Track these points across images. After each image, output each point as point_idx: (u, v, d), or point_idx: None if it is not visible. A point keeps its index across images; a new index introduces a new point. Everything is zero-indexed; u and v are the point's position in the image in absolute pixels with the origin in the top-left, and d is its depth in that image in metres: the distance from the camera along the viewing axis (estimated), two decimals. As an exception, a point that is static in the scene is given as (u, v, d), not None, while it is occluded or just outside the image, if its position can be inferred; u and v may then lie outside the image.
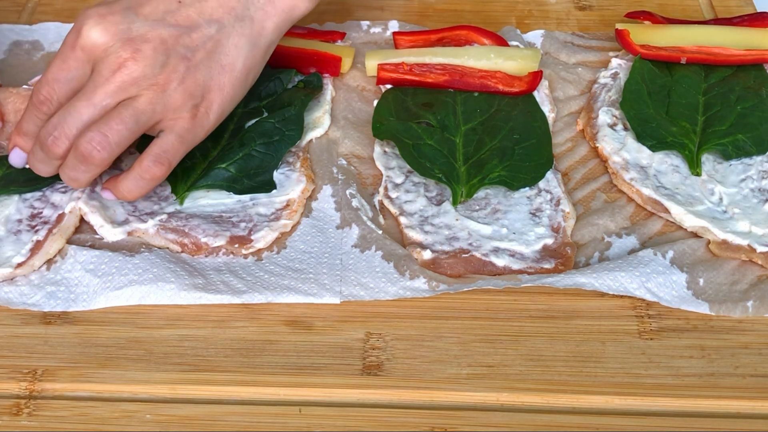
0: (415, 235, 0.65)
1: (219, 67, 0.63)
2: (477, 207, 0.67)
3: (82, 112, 0.60)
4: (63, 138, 0.60)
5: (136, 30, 0.60)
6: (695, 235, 0.65)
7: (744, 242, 0.63)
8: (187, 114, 0.62)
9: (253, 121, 0.71)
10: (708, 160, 0.70)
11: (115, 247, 0.64)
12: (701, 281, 0.62)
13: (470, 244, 0.64)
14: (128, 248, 0.63)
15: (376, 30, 0.84)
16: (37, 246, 0.62)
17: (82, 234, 0.65)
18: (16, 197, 0.66)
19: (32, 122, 0.63)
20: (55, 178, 0.66)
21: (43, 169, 0.63)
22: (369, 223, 0.65)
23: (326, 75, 0.78)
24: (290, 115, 0.71)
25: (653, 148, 0.70)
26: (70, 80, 0.61)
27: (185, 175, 0.67)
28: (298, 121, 0.71)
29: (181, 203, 0.66)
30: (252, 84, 0.67)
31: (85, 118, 0.60)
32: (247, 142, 0.70)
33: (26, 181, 0.66)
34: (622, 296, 0.61)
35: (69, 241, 0.64)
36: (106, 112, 0.60)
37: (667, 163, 0.69)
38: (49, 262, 0.63)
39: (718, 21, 0.81)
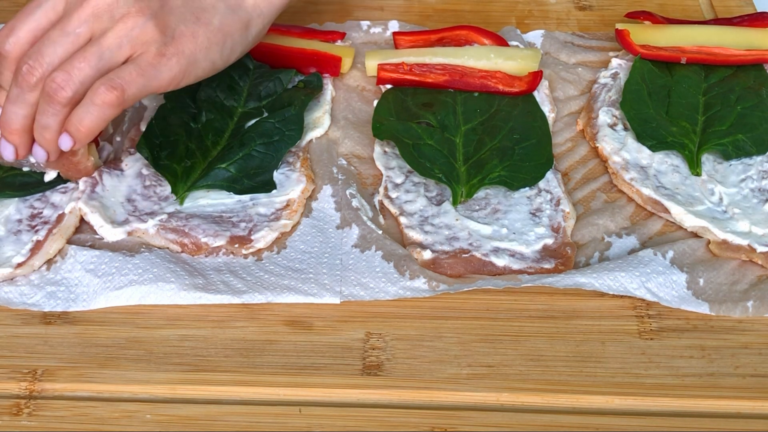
0: (415, 235, 0.65)
1: (194, 18, 0.62)
2: (477, 207, 0.67)
3: (56, 40, 0.59)
4: (37, 66, 0.59)
5: None
6: (695, 235, 0.65)
7: (744, 242, 0.63)
8: (154, 50, 0.61)
9: (253, 121, 0.71)
10: (708, 160, 0.70)
11: (115, 247, 0.63)
12: (701, 281, 0.62)
13: (470, 244, 0.64)
14: (128, 248, 0.63)
15: (376, 30, 0.84)
16: (37, 246, 0.62)
17: (82, 234, 0.65)
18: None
19: None
20: (50, 184, 0.66)
21: (18, 113, 0.61)
22: (369, 223, 0.65)
23: (326, 75, 0.78)
24: (290, 115, 0.71)
25: (653, 148, 0.70)
26: (36, 15, 0.60)
27: (185, 175, 0.67)
28: (298, 121, 0.71)
29: (181, 203, 0.66)
30: (230, 56, 0.65)
31: (58, 47, 0.59)
32: (247, 142, 0.70)
33: (21, 186, 0.66)
34: (622, 296, 0.61)
35: (69, 241, 0.64)
36: (77, 45, 0.59)
37: (667, 163, 0.69)
38: (49, 262, 0.63)
39: (718, 21, 0.81)
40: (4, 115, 0.61)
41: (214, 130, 0.70)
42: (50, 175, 0.66)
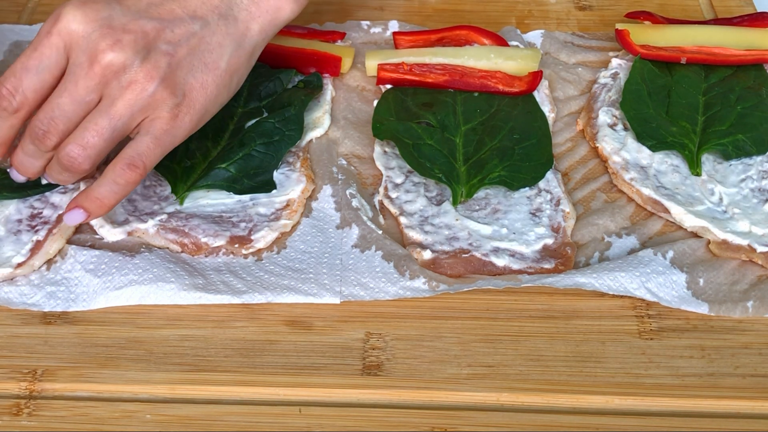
0: (415, 235, 0.65)
1: (202, 65, 0.61)
2: (477, 207, 0.67)
3: (67, 109, 0.59)
4: (53, 133, 0.59)
5: (117, 19, 0.58)
6: (695, 235, 0.65)
7: (744, 242, 0.63)
8: (166, 114, 0.60)
9: (253, 121, 0.71)
10: (708, 160, 0.70)
11: (115, 247, 0.63)
12: (701, 281, 0.62)
13: (470, 244, 0.64)
14: (128, 248, 0.63)
15: (376, 30, 0.84)
16: (37, 246, 0.62)
17: (82, 234, 0.65)
18: None
19: None
20: (47, 187, 0.66)
21: (33, 164, 0.62)
22: (369, 223, 0.65)
23: (326, 75, 0.78)
24: (290, 115, 0.71)
25: (653, 148, 0.70)
26: (41, 71, 0.58)
27: (185, 175, 0.67)
28: (298, 121, 0.71)
29: (181, 203, 0.66)
30: (237, 87, 0.65)
31: (72, 116, 0.59)
32: (247, 142, 0.69)
33: (18, 188, 0.66)
34: (622, 296, 0.61)
35: (69, 241, 0.64)
36: (88, 110, 0.59)
37: (667, 163, 0.69)
38: (49, 262, 0.63)
39: (718, 21, 0.81)
40: (19, 162, 0.62)
41: (214, 130, 0.70)
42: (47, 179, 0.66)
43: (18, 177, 0.64)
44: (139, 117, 0.59)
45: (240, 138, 0.70)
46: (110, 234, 0.64)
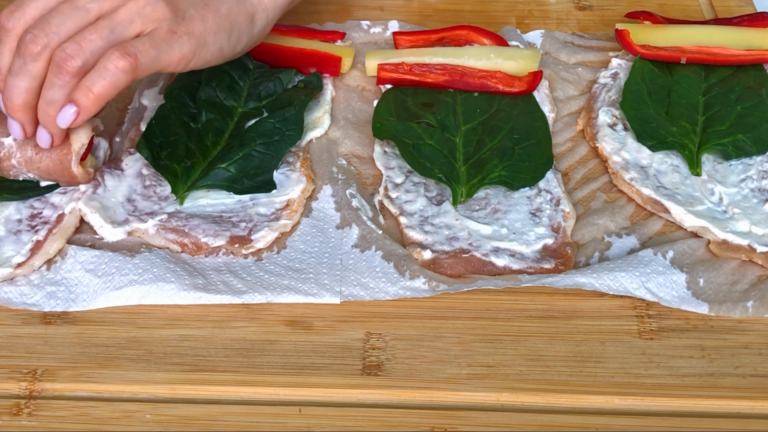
0: (415, 235, 0.65)
1: (203, 3, 0.63)
2: (477, 207, 0.67)
3: (65, 12, 0.59)
4: (42, 35, 0.58)
5: None
6: (695, 235, 0.65)
7: (744, 242, 0.63)
8: (166, 27, 0.61)
9: (253, 121, 0.71)
10: (708, 160, 0.70)
11: (115, 247, 0.63)
12: (701, 281, 0.62)
13: (470, 244, 0.64)
14: (128, 248, 0.63)
15: (376, 30, 0.84)
16: (37, 246, 0.62)
17: (82, 234, 0.65)
18: None
19: None
20: (47, 188, 0.65)
21: (19, 86, 0.59)
22: (369, 223, 0.65)
23: (326, 75, 0.78)
24: (290, 115, 0.71)
25: (653, 148, 0.70)
26: None
27: (185, 175, 0.67)
28: (298, 121, 0.71)
29: (181, 203, 0.66)
30: (236, 46, 0.66)
31: (65, 19, 0.59)
32: (247, 142, 0.69)
33: (19, 189, 0.66)
34: (622, 296, 0.61)
35: (69, 241, 0.64)
36: (86, 22, 0.59)
37: (667, 163, 0.69)
38: (49, 262, 0.63)
39: (718, 21, 0.81)
40: (6, 90, 0.60)
41: (214, 130, 0.70)
42: (47, 181, 0.66)
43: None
44: (137, 27, 0.60)
45: (240, 138, 0.70)
46: (110, 234, 0.64)
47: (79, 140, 0.64)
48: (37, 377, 0.56)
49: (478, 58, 0.76)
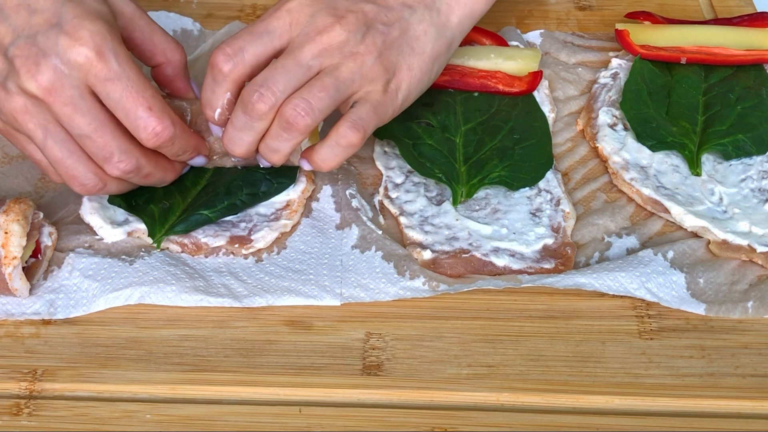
0: (415, 235, 0.65)
1: (409, 49, 0.63)
2: (477, 207, 0.67)
3: (289, 68, 0.59)
4: (269, 95, 0.59)
5: (340, 2, 0.61)
6: (695, 235, 0.65)
7: (744, 242, 0.63)
8: (380, 87, 0.61)
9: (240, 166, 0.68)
10: (708, 160, 0.70)
11: (113, 252, 0.63)
12: (701, 281, 0.62)
13: (470, 244, 0.64)
14: (127, 252, 0.63)
15: (376, 30, 0.84)
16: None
17: (81, 235, 0.65)
18: None
19: (210, 89, 0.61)
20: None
21: (241, 139, 0.61)
22: (369, 223, 0.65)
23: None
24: (283, 166, 0.66)
25: (653, 148, 0.70)
26: (265, 36, 0.60)
27: (162, 217, 0.64)
28: (290, 173, 0.67)
29: (158, 246, 0.64)
30: (436, 75, 0.66)
31: (291, 77, 0.59)
32: (233, 191, 0.66)
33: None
34: (622, 296, 0.61)
35: (68, 246, 0.63)
36: (308, 78, 0.60)
37: (667, 163, 0.69)
38: (47, 272, 0.62)
39: (718, 21, 0.81)
40: (228, 139, 0.61)
41: (193, 170, 0.67)
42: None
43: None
44: (357, 86, 0.61)
45: (227, 185, 0.66)
46: (110, 234, 0.64)
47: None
48: (37, 377, 0.56)
49: (478, 58, 0.76)
